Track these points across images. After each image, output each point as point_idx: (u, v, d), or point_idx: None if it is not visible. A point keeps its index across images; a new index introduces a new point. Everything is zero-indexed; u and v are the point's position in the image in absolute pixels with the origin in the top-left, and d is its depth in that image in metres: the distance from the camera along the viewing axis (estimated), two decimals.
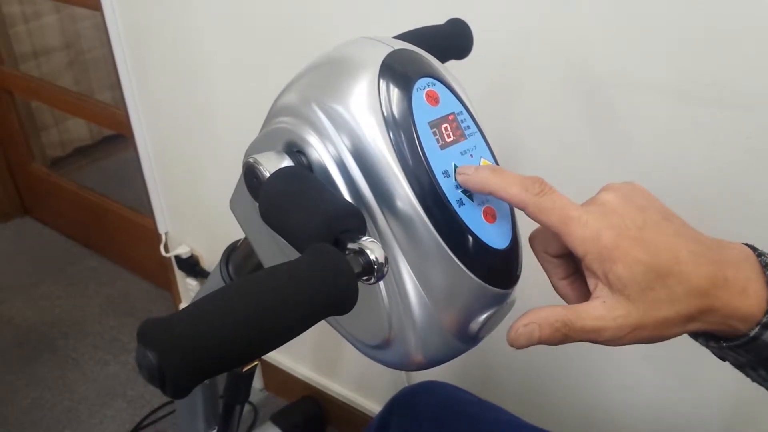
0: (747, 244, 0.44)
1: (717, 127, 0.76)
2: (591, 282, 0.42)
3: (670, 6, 0.73)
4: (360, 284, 0.40)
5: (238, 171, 0.51)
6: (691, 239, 0.42)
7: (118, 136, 2.39)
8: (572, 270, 0.48)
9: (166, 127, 1.51)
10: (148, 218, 1.77)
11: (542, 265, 0.49)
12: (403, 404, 0.89)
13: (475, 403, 0.89)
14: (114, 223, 2.03)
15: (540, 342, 0.42)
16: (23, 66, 2.31)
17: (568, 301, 0.48)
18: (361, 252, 0.41)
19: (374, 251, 0.41)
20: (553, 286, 0.49)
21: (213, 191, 1.51)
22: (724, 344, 0.43)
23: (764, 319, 0.40)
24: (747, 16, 0.69)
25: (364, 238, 0.42)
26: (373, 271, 0.41)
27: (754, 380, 0.46)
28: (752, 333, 0.41)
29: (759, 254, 0.43)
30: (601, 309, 0.41)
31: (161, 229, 1.71)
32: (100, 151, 2.65)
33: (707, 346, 0.45)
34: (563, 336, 0.41)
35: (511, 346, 0.44)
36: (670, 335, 0.42)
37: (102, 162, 2.61)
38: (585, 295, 0.45)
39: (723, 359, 0.46)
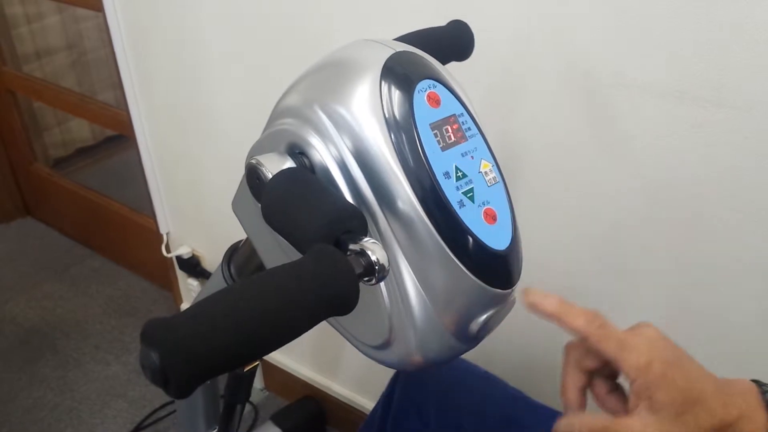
0: (752, 380, 0.51)
1: (715, 128, 0.76)
2: (633, 400, 0.49)
3: (669, 7, 0.74)
4: (361, 285, 0.41)
5: (239, 171, 0.51)
6: (710, 375, 0.50)
7: (120, 137, 2.39)
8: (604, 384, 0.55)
9: (168, 127, 1.51)
10: (149, 219, 1.77)
11: (567, 372, 0.55)
12: (408, 375, 0.89)
13: (482, 376, 0.89)
14: (116, 224, 2.03)
15: None
16: (26, 67, 2.31)
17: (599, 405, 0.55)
18: (363, 253, 0.41)
19: (375, 252, 0.41)
20: (566, 389, 0.55)
21: (214, 192, 1.51)
22: None
23: None
24: (745, 17, 0.70)
25: (366, 239, 0.42)
26: (374, 271, 0.42)
27: None
28: None
29: (763, 391, 0.50)
30: (638, 425, 0.48)
31: (163, 229, 1.71)
32: (102, 151, 2.65)
33: None
34: None
35: None
36: None
37: (104, 162, 2.62)
38: (609, 401, 0.54)
39: None
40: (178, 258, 1.71)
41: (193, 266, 1.70)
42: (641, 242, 0.90)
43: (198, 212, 1.61)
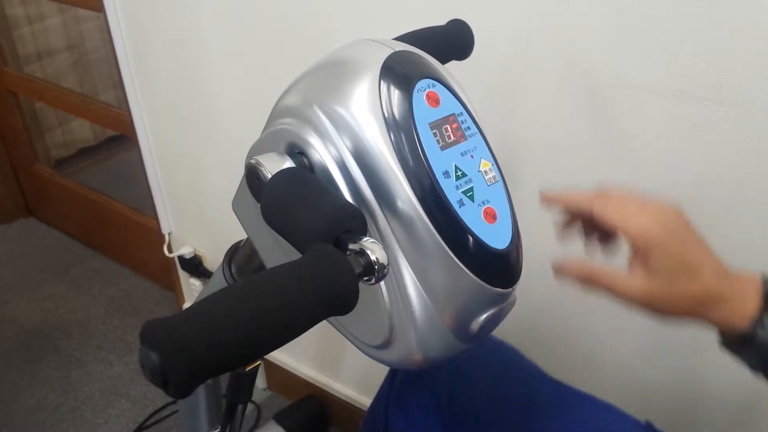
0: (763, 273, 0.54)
1: (716, 127, 0.76)
2: (630, 259, 0.53)
3: (669, 7, 0.74)
4: (361, 284, 0.41)
5: (241, 171, 0.51)
6: (714, 257, 0.54)
7: (121, 137, 2.40)
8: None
9: (169, 127, 1.52)
10: (151, 219, 1.77)
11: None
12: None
13: (496, 347, 0.84)
14: (117, 224, 2.04)
15: (569, 271, 0.56)
16: (27, 67, 2.32)
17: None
18: (362, 252, 0.42)
19: (375, 252, 0.42)
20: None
21: (216, 191, 1.51)
22: (724, 341, 0.55)
23: (757, 316, 0.51)
24: (745, 16, 0.70)
25: (365, 239, 0.42)
26: (373, 271, 0.42)
27: None
28: (746, 330, 0.51)
29: (766, 283, 0.53)
30: (626, 277, 0.53)
31: (164, 229, 1.71)
32: (103, 151, 2.65)
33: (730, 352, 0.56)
34: (589, 280, 0.54)
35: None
36: (671, 315, 0.53)
37: (105, 163, 2.62)
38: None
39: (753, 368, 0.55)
40: (180, 258, 1.72)
41: (195, 266, 1.70)
42: None
43: (200, 212, 1.61)
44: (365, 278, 0.42)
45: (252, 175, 0.48)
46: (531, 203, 0.96)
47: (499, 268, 0.49)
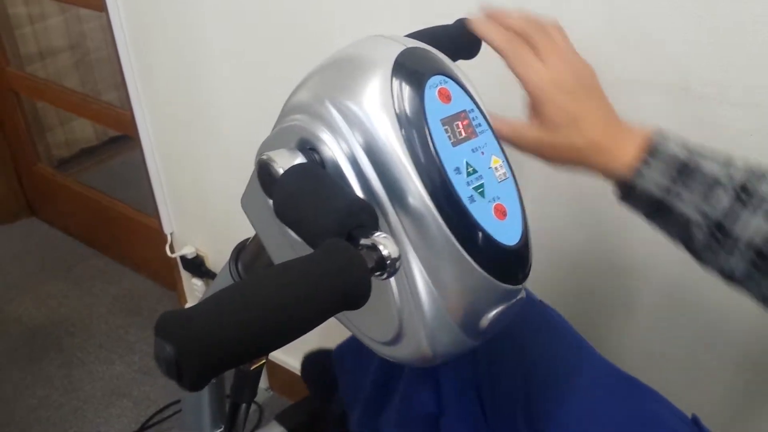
0: (654, 133, 0.58)
1: (719, 124, 0.76)
2: (528, 112, 0.59)
3: (671, 4, 0.74)
4: (372, 280, 0.41)
5: (243, 171, 0.51)
6: (608, 111, 0.59)
7: (123, 137, 2.40)
8: None
9: (171, 127, 1.52)
10: (153, 219, 1.77)
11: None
12: None
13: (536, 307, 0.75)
14: (119, 224, 2.04)
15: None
16: (29, 67, 2.32)
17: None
18: (374, 247, 0.42)
19: (387, 247, 0.42)
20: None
21: (218, 191, 1.51)
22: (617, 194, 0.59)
23: (635, 166, 0.55)
24: (748, 12, 0.70)
25: (377, 234, 0.42)
26: (385, 266, 0.42)
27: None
28: (627, 179, 0.56)
29: (656, 138, 0.57)
30: (526, 128, 0.58)
31: (167, 229, 1.71)
32: (105, 151, 2.65)
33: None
34: (496, 128, 0.55)
35: None
36: (559, 162, 0.59)
37: (107, 162, 2.62)
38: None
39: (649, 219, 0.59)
40: (182, 258, 1.72)
41: (197, 266, 1.70)
42: (647, 241, 0.89)
43: (202, 212, 1.61)
44: (377, 273, 0.42)
45: (263, 170, 0.48)
46: (536, 201, 0.97)
47: (508, 264, 0.49)
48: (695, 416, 0.68)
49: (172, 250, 1.73)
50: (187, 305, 1.84)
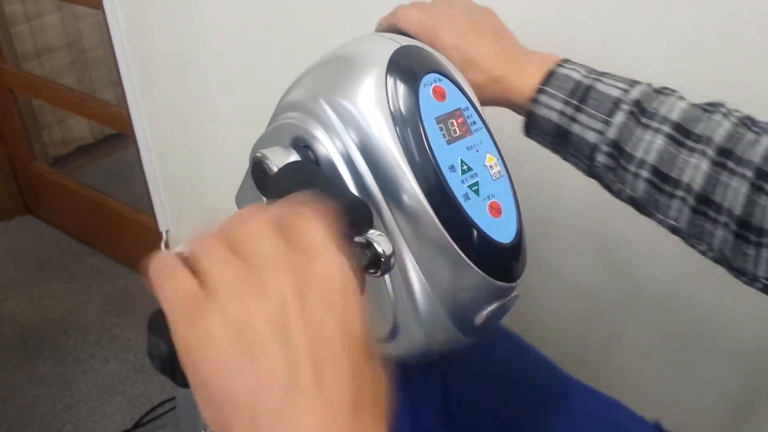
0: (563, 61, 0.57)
1: None
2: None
3: (671, 2, 0.74)
4: (366, 277, 0.41)
5: (239, 169, 0.51)
6: (509, 47, 0.59)
7: (119, 135, 2.39)
8: None
9: (168, 125, 1.52)
10: (149, 217, 1.77)
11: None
12: None
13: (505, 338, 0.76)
14: (115, 222, 2.03)
15: None
16: (25, 65, 2.31)
17: None
18: (369, 245, 0.42)
19: (381, 244, 0.42)
20: None
21: (214, 189, 1.51)
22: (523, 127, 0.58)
23: (532, 94, 0.55)
24: (750, 12, 0.70)
25: (372, 231, 0.42)
26: (380, 264, 0.42)
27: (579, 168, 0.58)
28: (525, 107, 0.56)
29: (561, 64, 0.57)
30: None
31: (162, 227, 1.71)
32: (101, 149, 2.64)
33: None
34: None
35: None
36: (481, 101, 0.55)
37: (103, 160, 2.61)
38: None
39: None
40: None
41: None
42: (648, 241, 0.90)
43: (197, 210, 1.61)
44: (371, 270, 0.42)
45: (258, 168, 0.49)
46: (531, 200, 0.97)
47: (503, 262, 0.49)
48: (657, 422, 0.69)
49: (168, 248, 1.73)
50: None
